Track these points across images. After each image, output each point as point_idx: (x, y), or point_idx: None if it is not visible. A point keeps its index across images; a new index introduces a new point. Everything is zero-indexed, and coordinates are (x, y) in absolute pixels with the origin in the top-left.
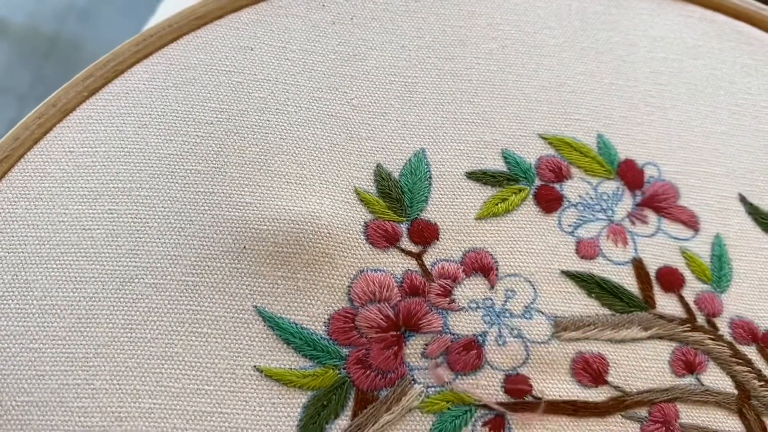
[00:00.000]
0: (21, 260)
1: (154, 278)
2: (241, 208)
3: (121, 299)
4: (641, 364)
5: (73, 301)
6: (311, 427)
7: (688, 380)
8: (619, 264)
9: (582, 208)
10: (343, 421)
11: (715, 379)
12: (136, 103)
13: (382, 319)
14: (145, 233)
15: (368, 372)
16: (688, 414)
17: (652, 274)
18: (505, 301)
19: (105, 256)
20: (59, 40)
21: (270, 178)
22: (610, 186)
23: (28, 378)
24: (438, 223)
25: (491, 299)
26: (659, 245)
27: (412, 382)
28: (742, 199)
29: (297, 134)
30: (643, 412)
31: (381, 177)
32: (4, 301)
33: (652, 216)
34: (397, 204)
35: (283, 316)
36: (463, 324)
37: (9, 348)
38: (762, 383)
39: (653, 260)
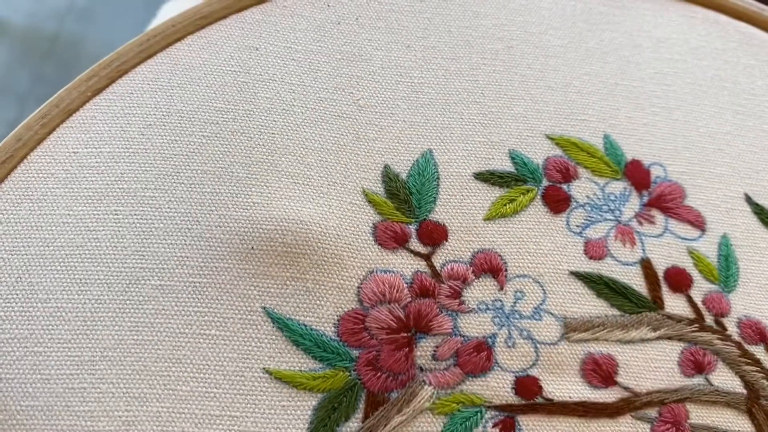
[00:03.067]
0: (25, 262)
1: (161, 280)
2: (249, 208)
3: (127, 301)
4: (650, 364)
5: (78, 303)
6: (322, 429)
7: (698, 380)
8: (628, 264)
9: (590, 208)
10: (354, 423)
11: (725, 379)
12: (141, 103)
13: (392, 320)
14: (151, 234)
15: (379, 374)
16: (697, 414)
17: (660, 274)
18: (515, 303)
19: (110, 257)
20: (59, 40)
21: (277, 179)
22: (618, 186)
23: (33, 382)
24: (447, 224)
25: (501, 300)
26: (667, 245)
27: (423, 383)
28: (748, 199)
29: (304, 135)
30: (653, 412)
31: (389, 178)
32: (8, 304)
33: (659, 216)
34: (405, 205)
35: (293, 317)
36: (473, 326)
37: (13, 351)
38: None
39: (661, 260)
